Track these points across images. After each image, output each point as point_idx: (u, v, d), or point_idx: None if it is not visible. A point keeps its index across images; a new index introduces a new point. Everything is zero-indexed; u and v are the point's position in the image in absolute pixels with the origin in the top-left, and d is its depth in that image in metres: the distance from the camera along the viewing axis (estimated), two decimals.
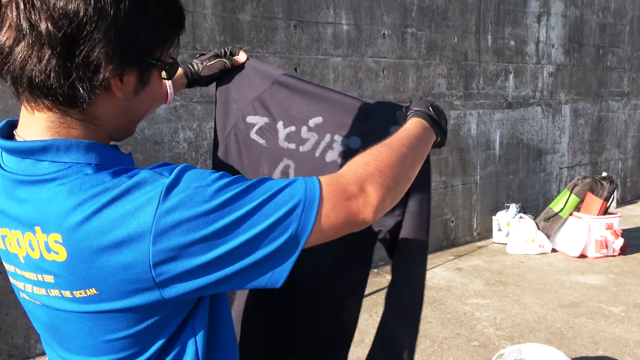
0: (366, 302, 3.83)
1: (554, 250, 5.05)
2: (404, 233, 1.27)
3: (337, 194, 0.82)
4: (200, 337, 0.86)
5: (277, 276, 0.79)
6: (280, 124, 1.38)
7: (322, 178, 0.83)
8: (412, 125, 1.06)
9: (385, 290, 1.30)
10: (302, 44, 3.97)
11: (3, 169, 0.80)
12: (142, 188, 0.74)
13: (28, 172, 0.78)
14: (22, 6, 0.72)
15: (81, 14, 0.72)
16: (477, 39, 5.12)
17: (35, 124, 0.79)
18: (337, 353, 1.41)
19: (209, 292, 0.79)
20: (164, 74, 0.87)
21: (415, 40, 4.67)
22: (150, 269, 0.73)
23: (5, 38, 0.74)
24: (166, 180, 0.75)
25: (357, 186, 0.84)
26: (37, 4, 0.71)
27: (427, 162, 1.25)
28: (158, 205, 0.72)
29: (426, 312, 3.66)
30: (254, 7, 3.71)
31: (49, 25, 0.71)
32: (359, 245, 1.34)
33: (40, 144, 0.77)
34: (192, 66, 1.41)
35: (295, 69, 3.95)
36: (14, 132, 0.83)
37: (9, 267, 0.86)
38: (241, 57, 1.43)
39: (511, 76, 5.48)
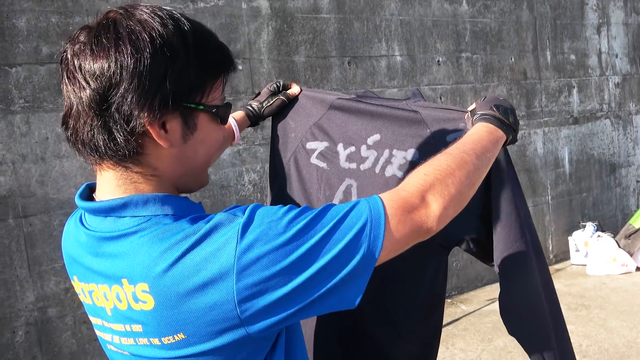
0: (442, 334, 3.74)
1: (638, 269, 4.77)
2: (495, 242, 1.26)
3: (400, 208, 0.84)
4: None
5: (354, 296, 0.81)
6: (340, 146, 1.42)
7: (383, 195, 0.85)
8: (476, 130, 1.08)
9: (460, 320, 1.29)
10: (357, 79, 4.03)
11: (87, 228, 0.86)
12: (219, 230, 0.77)
13: (111, 228, 0.82)
14: (67, 81, 0.81)
15: (105, 70, 0.78)
16: (535, 56, 5.02)
17: (106, 184, 0.85)
18: None
19: (291, 321, 0.81)
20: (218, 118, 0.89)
21: (471, 64, 4.63)
22: (236, 306, 0.75)
23: (64, 112, 0.84)
24: (241, 220, 0.78)
25: (418, 198, 0.86)
26: (77, 74, 0.80)
27: (510, 166, 1.25)
28: (237, 244, 0.75)
29: (505, 342, 3.52)
30: (308, 48, 3.81)
31: (87, 90, 0.79)
32: (432, 257, 1.36)
33: (120, 202, 0.82)
34: (253, 108, 1.48)
35: None
36: (93, 194, 0.89)
37: (95, 321, 0.90)
38: (295, 89, 1.50)
39: (575, 91, 5.31)
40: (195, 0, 3.36)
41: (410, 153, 1.34)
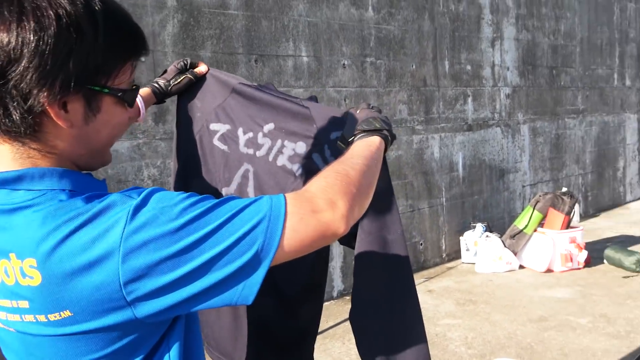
0: (339, 330, 3.84)
1: (521, 267, 5.15)
2: (358, 238, 1.33)
3: (303, 207, 0.84)
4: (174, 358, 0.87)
5: (247, 292, 0.80)
6: (240, 131, 1.45)
7: (287, 194, 0.85)
8: (360, 141, 1.12)
9: None
10: (264, 77, 4.05)
11: None
12: (111, 210, 0.77)
13: (4, 201, 0.80)
14: None
15: (5, 44, 0.75)
16: (434, 65, 5.28)
17: (1, 157, 0.82)
18: (302, 349, 1.52)
19: (181, 311, 0.81)
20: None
21: (375, 69, 4.79)
22: (121, 287, 0.75)
23: None
24: (134, 202, 0.77)
25: (323, 199, 0.86)
26: None
27: (386, 170, 1.31)
28: (125, 225, 0.75)
29: None
30: (214, 43, 3.78)
31: None
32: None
33: (15, 174, 0.80)
34: (160, 86, 1.46)
35: None
36: None
37: None
38: (202, 68, 1.50)
39: (470, 99, 5.64)
40: None
41: (299, 146, 1.40)
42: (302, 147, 1.40)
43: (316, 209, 0.84)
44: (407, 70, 5.04)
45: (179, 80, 1.47)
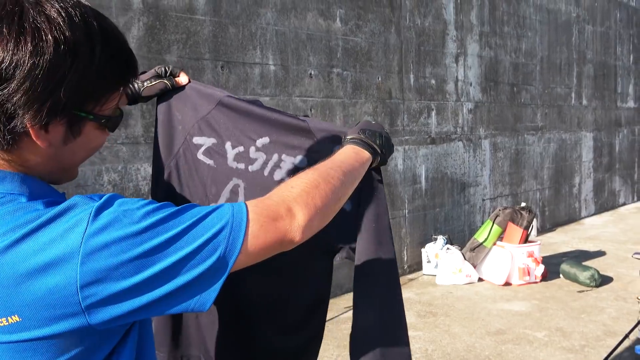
0: None
1: (480, 280, 5.22)
2: (360, 250, 1.33)
3: (264, 215, 0.85)
4: None
5: (206, 298, 0.80)
6: (228, 145, 1.41)
7: (248, 202, 0.86)
8: (343, 151, 1.13)
9: (336, 319, 1.35)
10: (230, 84, 4.01)
11: None
12: (72, 211, 0.75)
13: None
14: None
15: None
16: (400, 78, 5.34)
17: None
18: None
19: (137, 317, 0.79)
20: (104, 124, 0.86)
21: (341, 80, 4.81)
22: (77, 291, 0.72)
23: None
24: (96, 204, 0.76)
25: (283, 207, 0.87)
26: None
27: (382, 187, 1.32)
28: (87, 226, 0.73)
29: None
30: (180, 47, 3.72)
31: None
32: (317, 261, 1.41)
33: None
34: (132, 85, 1.38)
35: None
36: None
37: None
38: (182, 79, 1.40)
39: (433, 113, 5.72)
40: None
41: (298, 159, 1.37)
42: (302, 161, 1.36)
43: (276, 217, 0.86)
44: (373, 82, 5.07)
45: (153, 83, 1.39)
